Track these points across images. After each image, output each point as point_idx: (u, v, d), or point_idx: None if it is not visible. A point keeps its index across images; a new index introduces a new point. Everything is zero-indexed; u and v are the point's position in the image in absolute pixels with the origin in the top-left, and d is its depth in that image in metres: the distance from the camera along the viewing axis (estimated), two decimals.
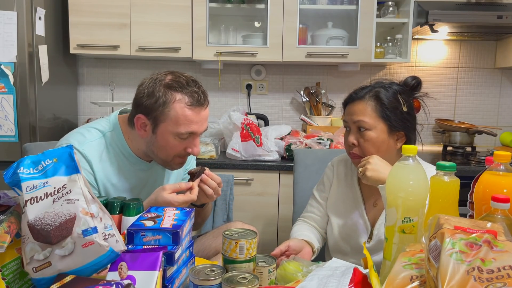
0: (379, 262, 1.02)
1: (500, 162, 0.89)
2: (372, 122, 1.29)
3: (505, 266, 0.63)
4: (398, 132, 1.32)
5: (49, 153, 0.86)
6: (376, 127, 1.30)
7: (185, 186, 1.26)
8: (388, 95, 1.32)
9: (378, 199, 1.39)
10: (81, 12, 2.46)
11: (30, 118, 2.21)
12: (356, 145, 1.32)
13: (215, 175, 1.34)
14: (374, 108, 1.30)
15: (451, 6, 2.44)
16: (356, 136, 1.32)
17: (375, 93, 1.32)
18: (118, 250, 0.82)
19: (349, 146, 1.35)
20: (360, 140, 1.31)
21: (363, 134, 1.30)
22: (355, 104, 1.33)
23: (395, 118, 1.31)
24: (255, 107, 2.92)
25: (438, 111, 2.92)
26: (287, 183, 2.30)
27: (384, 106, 1.30)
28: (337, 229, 1.42)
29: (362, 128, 1.30)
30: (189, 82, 1.29)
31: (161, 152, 1.33)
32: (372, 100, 1.31)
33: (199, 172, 1.30)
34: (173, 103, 1.26)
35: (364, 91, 1.34)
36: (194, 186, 1.27)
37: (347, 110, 1.36)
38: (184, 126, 1.27)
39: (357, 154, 1.33)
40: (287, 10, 2.48)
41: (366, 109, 1.30)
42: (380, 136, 1.30)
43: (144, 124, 1.31)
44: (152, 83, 1.29)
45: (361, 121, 1.30)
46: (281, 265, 1.07)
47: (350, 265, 0.92)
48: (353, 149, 1.33)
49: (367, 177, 1.23)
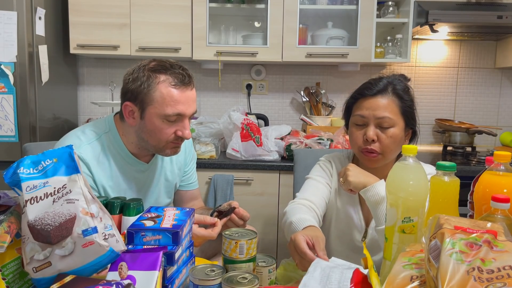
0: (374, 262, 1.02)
1: (500, 162, 0.89)
2: (396, 119, 1.25)
3: (505, 266, 0.63)
4: (409, 129, 1.32)
5: (49, 153, 0.86)
6: (398, 124, 1.26)
7: (209, 221, 1.23)
8: (404, 90, 1.29)
9: None
10: (81, 12, 2.46)
11: (30, 118, 2.21)
12: (376, 140, 1.26)
13: (245, 212, 1.30)
14: (398, 104, 1.26)
15: (451, 6, 2.44)
16: (376, 132, 1.26)
17: (394, 87, 1.27)
18: (118, 250, 0.82)
19: (365, 142, 1.27)
20: (382, 136, 1.25)
21: (386, 131, 1.25)
22: (377, 99, 1.26)
23: (411, 115, 1.29)
24: (255, 107, 2.92)
25: (438, 111, 2.92)
26: (287, 183, 2.30)
27: (404, 102, 1.27)
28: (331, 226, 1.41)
29: (385, 125, 1.25)
30: (173, 65, 1.29)
31: (151, 137, 1.31)
32: (395, 96, 1.26)
33: (228, 211, 1.27)
34: (158, 84, 1.25)
35: (382, 84, 1.28)
36: (218, 224, 1.23)
37: (365, 104, 1.27)
38: (171, 107, 1.26)
39: (375, 150, 1.26)
40: (287, 10, 2.48)
41: (390, 104, 1.25)
42: (400, 133, 1.27)
43: (132, 112, 1.30)
44: (137, 69, 1.29)
45: (387, 118, 1.24)
46: (281, 265, 1.07)
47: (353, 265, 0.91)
48: (372, 145, 1.26)
49: (349, 182, 1.21)
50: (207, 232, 1.21)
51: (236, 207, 1.29)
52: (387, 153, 1.27)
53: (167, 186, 1.52)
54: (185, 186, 1.60)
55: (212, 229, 1.22)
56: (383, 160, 1.30)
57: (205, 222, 1.23)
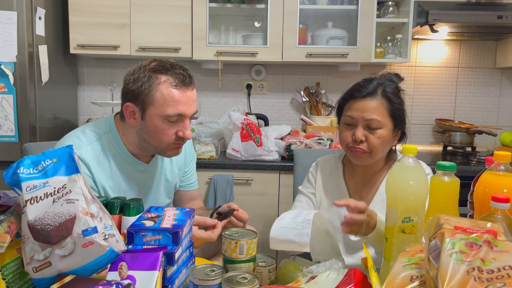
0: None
1: (500, 162, 0.89)
2: (384, 121, 1.29)
3: (505, 266, 0.63)
4: (398, 130, 1.34)
5: (49, 153, 0.86)
6: (386, 126, 1.29)
7: (210, 222, 1.23)
8: (394, 92, 1.31)
9: (365, 193, 1.40)
10: (81, 12, 2.46)
11: (30, 118, 2.21)
12: (364, 141, 1.29)
13: (244, 214, 1.31)
14: (386, 106, 1.29)
15: (451, 6, 2.44)
16: (364, 133, 1.29)
17: (383, 89, 1.30)
18: (118, 250, 0.82)
19: (353, 141, 1.31)
20: (370, 137, 1.29)
21: (374, 132, 1.29)
22: (366, 101, 1.29)
23: (400, 117, 1.32)
24: (255, 107, 2.92)
25: (438, 111, 2.92)
26: (287, 183, 2.30)
27: (393, 104, 1.30)
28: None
29: (374, 126, 1.28)
30: (174, 65, 1.29)
31: (152, 138, 1.31)
32: (384, 98, 1.29)
33: (228, 213, 1.28)
34: (158, 85, 1.25)
35: (371, 86, 1.31)
36: (218, 226, 1.24)
37: (355, 105, 1.31)
38: (172, 108, 1.26)
39: (363, 150, 1.30)
40: (287, 10, 2.48)
41: (379, 107, 1.29)
42: (388, 134, 1.30)
43: (133, 112, 1.30)
44: (137, 70, 1.29)
45: (375, 120, 1.28)
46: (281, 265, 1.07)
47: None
48: (360, 144, 1.30)
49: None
50: (207, 235, 1.21)
51: (236, 209, 1.30)
52: (374, 152, 1.31)
53: (167, 186, 1.52)
54: (185, 187, 1.60)
55: (212, 231, 1.22)
56: (371, 159, 1.33)
57: (205, 224, 1.23)
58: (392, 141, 1.34)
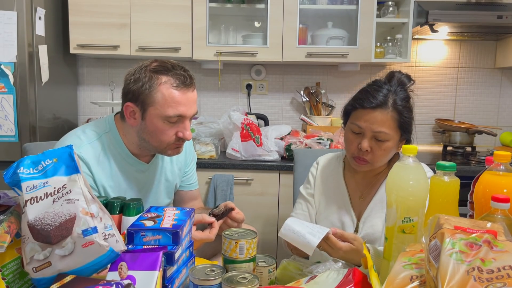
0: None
1: (500, 162, 0.89)
2: (392, 134, 1.26)
3: (505, 266, 0.63)
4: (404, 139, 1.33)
5: (49, 153, 0.86)
6: (394, 138, 1.27)
7: (208, 220, 1.24)
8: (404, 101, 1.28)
9: (364, 193, 1.39)
10: (81, 12, 2.46)
11: (30, 118, 2.21)
12: (370, 151, 1.28)
13: (238, 215, 1.30)
14: (396, 119, 1.26)
15: (451, 6, 2.44)
16: (370, 143, 1.27)
17: (394, 100, 1.26)
18: (118, 250, 0.82)
19: (358, 151, 1.29)
20: (375, 148, 1.27)
21: (381, 144, 1.27)
22: (376, 112, 1.25)
23: (408, 128, 1.30)
24: (255, 107, 2.92)
25: (438, 111, 2.92)
26: (287, 183, 2.30)
27: (403, 117, 1.27)
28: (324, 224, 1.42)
29: (381, 138, 1.26)
30: (175, 66, 1.29)
31: (152, 138, 1.31)
32: (394, 111, 1.25)
33: (224, 213, 1.27)
34: (159, 85, 1.25)
35: (381, 95, 1.26)
36: (215, 226, 1.24)
37: (364, 116, 1.27)
38: (172, 109, 1.26)
39: (366, 160, 1.29)
40: (287, 10, 2.48)
41: (388, 120, 1.25)
42: (394, 145, 1.29)
43: (133, 112, 1.30)
44: (138, 70, 1.29)
45: (383, 133, 1.25)
46: (281, 265, 1.07)
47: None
48: (364, 154, 1.28)
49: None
50: (204, 235, 1.21)
51: (232, 208, 1.29)
52: (376, 162, 1.31)
53: (167, 186, 1.52)
54: (185, 187, 1.60)
55: (209, 231, 1.22)
56: (371, 167, 1.33)
57: (204, 221, 1.24)
58: (396, 149, 1.33)
